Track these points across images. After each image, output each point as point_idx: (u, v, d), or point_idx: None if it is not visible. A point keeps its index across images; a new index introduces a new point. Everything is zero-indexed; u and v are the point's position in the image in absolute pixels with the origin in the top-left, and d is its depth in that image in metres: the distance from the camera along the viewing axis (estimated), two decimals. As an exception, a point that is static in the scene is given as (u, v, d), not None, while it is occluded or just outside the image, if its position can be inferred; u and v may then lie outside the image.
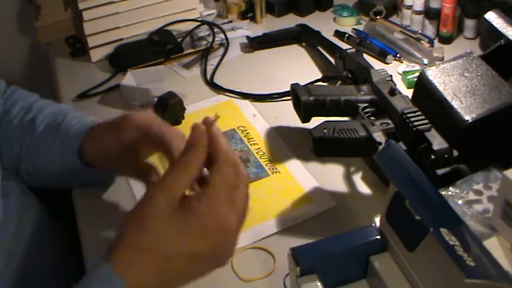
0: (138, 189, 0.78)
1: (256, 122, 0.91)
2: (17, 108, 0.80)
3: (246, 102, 0.97)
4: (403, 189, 0.51)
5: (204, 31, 1.17)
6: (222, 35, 1.17)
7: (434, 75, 0.78)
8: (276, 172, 0.81)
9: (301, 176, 0.79)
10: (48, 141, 0.75)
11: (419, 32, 1.10)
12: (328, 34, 1.13)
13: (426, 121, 0.70)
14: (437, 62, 1.00)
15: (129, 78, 1.02)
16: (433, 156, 0.67)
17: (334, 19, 1.22)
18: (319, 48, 1.10)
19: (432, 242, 0.46)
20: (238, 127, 0.90)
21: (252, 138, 0.88)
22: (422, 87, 0.79)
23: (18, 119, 0.78)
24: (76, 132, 0.74)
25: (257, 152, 0.84)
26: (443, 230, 0.45)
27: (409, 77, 0.97)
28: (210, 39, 1.15)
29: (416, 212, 0.49)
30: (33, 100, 0.82)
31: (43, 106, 0.80)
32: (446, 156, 0.67)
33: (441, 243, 0.45)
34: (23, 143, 0.77)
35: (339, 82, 0.94)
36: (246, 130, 0.90)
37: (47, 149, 0.75)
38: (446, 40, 1.09)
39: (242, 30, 1.21)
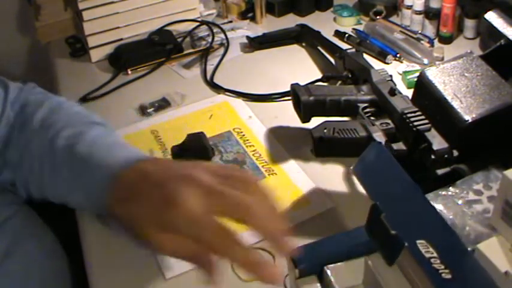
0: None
1: (252, 124, 0.91)
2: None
3: (242, 103, 0.97)
4: (380, 201, 0.48)
5: (204, 31, 1.17)
6: (222, 35, 1.17)
7: (434, 75, 0.78)
8: (272, 174, 0.80)
9: (298, 178, 0.79)
10: (64, 175, 0.62)
11: (419, 32, 1.10)
12: (328, 34, 1.13)
13: (426, 121, 0.70)
14: (437, 62, 1.00)
15: None
16: (433, 156, 0.67)
17: (334, 19, 1.22)
18: (319, 48, 1.09)
19: (408, 256, 0.45)
20: (234, 129, 0.90)
21: (247, 140, 0.87)
22: (422, 87, 0.79)
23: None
24: (101, 177, 0.58)
25: (253, 154, 0.84)
26: (420, 242, 0.44)
27: (409, 77, 0.97)
28: (210, 39, 1.15)
29: (392, 226, 0.46)
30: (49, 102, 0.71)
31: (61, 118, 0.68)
32: (446, 156, 0.67)
33: (415, 257, 0.43)
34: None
35: (339, 82, 0.94)
36: (241, 132, 0.89)
37: (63, 183, 0.63)
38: (446, 40, 1.09)
39: (242, 30, 1.21)
